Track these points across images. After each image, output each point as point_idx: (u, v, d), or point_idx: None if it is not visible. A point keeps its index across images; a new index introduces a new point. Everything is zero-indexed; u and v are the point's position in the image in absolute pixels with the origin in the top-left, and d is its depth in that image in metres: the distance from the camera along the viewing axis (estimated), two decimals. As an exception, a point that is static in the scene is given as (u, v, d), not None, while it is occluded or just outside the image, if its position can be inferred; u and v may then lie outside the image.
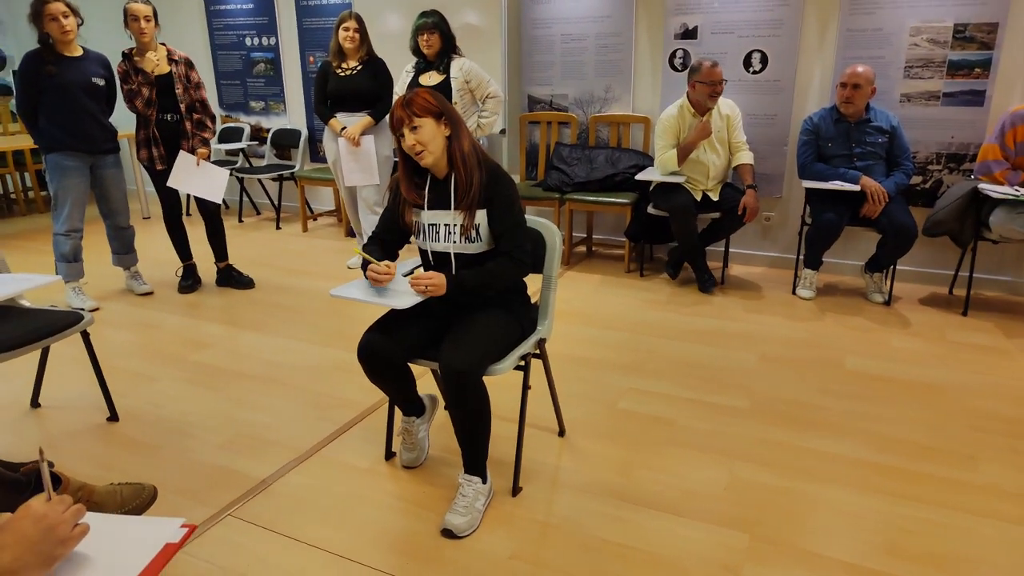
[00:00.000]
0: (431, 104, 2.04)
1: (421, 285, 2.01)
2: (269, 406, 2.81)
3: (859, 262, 4.26)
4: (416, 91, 2.07)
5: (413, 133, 2.03)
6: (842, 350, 3.27)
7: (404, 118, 2.03)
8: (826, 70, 4.19)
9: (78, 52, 3.77)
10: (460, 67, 4.18)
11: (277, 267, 4.72)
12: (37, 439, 2.61)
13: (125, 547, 1.06)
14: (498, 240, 2.12)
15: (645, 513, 2.11)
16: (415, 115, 2.02)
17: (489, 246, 2.14)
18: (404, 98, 2.05)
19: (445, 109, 2.06)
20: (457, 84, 4.15)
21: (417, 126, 2.02)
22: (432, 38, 4.14)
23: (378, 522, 2.09)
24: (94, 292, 4.18)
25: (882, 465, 2.35)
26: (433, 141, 2.04)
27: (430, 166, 2.10)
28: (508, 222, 2.10)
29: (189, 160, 3.95)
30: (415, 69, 4.30)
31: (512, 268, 2.10)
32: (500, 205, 2.09)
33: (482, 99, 4.27)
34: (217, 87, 6.43)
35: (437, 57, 4.20)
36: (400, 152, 2.13)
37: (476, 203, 2.08)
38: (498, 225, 2.10)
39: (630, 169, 4.50)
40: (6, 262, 2.69)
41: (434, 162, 2.08)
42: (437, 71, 4.21)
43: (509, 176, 2.15)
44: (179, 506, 2.17)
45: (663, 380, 2.98)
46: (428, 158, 2.06)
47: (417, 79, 4.25)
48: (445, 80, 4.18)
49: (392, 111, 2.07)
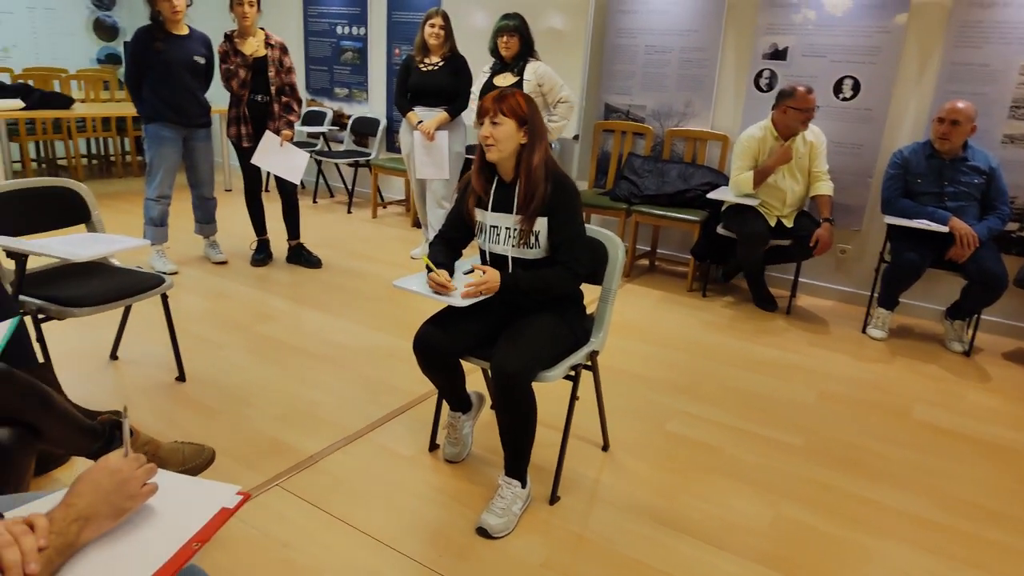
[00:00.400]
0: (521, 109, 2.07)
1: (475, 290, 2.05)
2: (324, 384, 2.90)
3: (939, 307, 4.08)
4: (514, 92, 2.10)
5: (492, 126, 2.06)
6: (911, 398, 3.15)
7: (490, 110, 2.07)
8: (923, 103, 4.03)
9: (184, 31, 3.97)
10: (534, 70, 4.20)
11: (344, 250, 4.85)
12: (112, 389, 2.77)
13: (184, 506, 1.12)
14: (556, 249, 2.13)
15: (683, 540, 2.08)
16: (501, 112, 2.05)
17: (546, 253, 2.15)
18: (500, 92, 2.09)
19: (532, 120, 2.08)
20: (529, 87, 4.18)
21: (498, 123, 2.05)
22: (511, 40, 4.17)
23: (415, 511, 2.13)
24: (174, 256, 4.38)
25: (942, 525, 2.25)
26: (506, 141, 2.07)
27: (495, 162, 2.13)
28: (568, 232, 2.11)
29: (274, 140, 4.11)
30: (491, 70, 4.35)
31: (567, 278, 2.12)
32: (562, 215, 2.10)
33: (553, 103, 4.28)
34: (305, 71, 6.65)
35: (514, 60, 4.23)
36: (479, 148, 2.16)
37: (537, 211, 2.10)
38: (558, 235, 2.11)
39: (703, 186, 4.43)
40: (102, 222, 2.85)
41: (499, 160, 2.10)
42: (512, 73, 4.24)
43: (575, 187, 2.15)
44: (232, 470, 2.26)
45: (715, 406, 2.93)
46: (494, 154, 2.09)
47: (492, 80, 4.29)
48: (518, 83, 4.20)
49: (486, 99, 2.10)
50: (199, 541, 1.06)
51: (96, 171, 7.20)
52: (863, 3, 4.03)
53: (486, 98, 2.10)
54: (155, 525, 1.08)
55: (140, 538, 1.05)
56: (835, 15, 4.11)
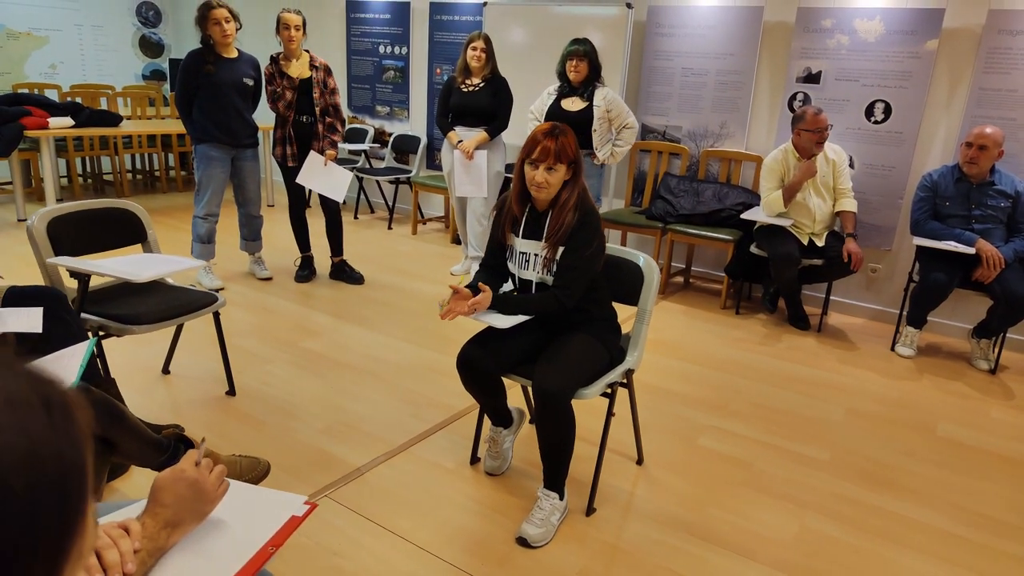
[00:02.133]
0: (572, 153, 2.16)
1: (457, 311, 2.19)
2: (367, 398, 3.03)
3: (966, 325, 4.12)
4: (569, 135, 2.17)
5: (547, 173, 2.15)
6: (936, 415, 3.20)
7: (550, 154, 2.13)
8: (952, 127, 4.07)
9: (234, 54, 4.16)
10: (603, 96, 4.27)
11: (385, 266, 5.00)
12: (166, 403, 2.93)
13: (256, 515, 1.23)
14: (556, 271, 2.23)
15: (713, 550, 2.17)
16: (559, 159, 2.13)
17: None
18: (557, 134, 2.14)
19: (578, 158, 2.20)
20: (599, 113, 4.25)
21: (554, 170, 2.15)
22: (581, 65, 4.23)
23: (457, 521, 2.24)
24: (220, 272, 4.57)
25: (965, 539, 2.31)
26: (556, 185, 2.19)
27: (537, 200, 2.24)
28: (571, 261, 2.20)
29: (318, 160, 4.27)
30: (557, 92, 4.40)
31: (551, 303, 2.22)
32: (573, 245, 2.20)
33: (618, 129, 4.34)
34: (348, 89, 6.84)
35: (582, 84, 4.30)
36: (518, 170, 2.25)
37: (560, 240, 2.21)
38: (564, 259, 2.22)
39: (737, 206, 4.51)
40: (157, 241, 3.02)
41: (546, 197, 2.22)
42: (580, 97, 4.30)
43: (598, 222, 2.24)
44: (282, 481, 2.40)
45: (745, 422, 3.01)
46: (543, 194, 2.19)
47: (559, 102, 4.36)
48: (588, 107, 4.27)
49: (539, 135, 2.15)
50: (274, 545, 1.18)
51: (141, 186, 7.44)
52: (895, 29, 4.09)
53: (542, 143, 2.13)
54: (232, 532, 1.19)
55: (219, 543, 1.17)
56: (868, 40, 4.18)
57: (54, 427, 0.41)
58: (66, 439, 0.42)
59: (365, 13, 6.54)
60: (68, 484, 0.41)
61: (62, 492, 0.40)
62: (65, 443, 0.41)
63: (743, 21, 4.58)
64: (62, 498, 0.41)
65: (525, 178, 2.22)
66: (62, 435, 0.42)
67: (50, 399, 0.42)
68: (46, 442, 0.40)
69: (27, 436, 0.39)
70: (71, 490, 0.41)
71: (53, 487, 0.40)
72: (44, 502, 0.39)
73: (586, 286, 2.25)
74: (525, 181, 2.22)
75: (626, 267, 2.45)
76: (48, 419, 0.41)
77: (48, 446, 0.40)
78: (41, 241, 2.61)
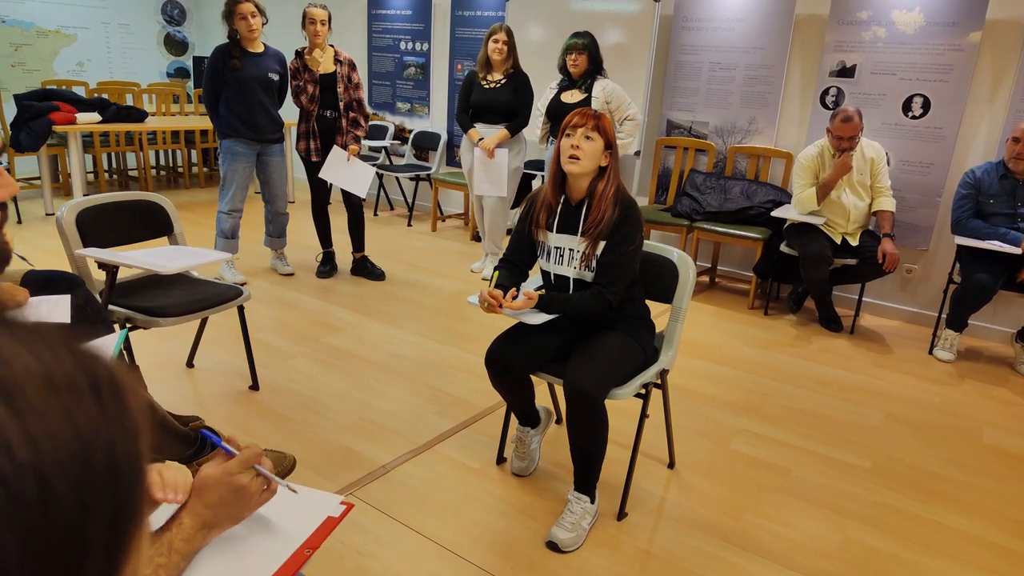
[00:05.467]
0: (610, 134, 2.11)
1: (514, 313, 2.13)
2: (391, 395, 2.98)
3: (1010, 329, 3.97)
4: (604, 118, 2.13)
5: (584, 140, 2.08)
6: (980, 421, 3.07)
7: (587, 122, 2.09)
8: (995, 122, 3.94)
9: (260, 48, 4.13)
10: (602, 88, 4.23)
11: (406, 262, 4.95)
12: (190, 397, 2.89)
13: (291, 515, 1.17)
14: (598, 269, 2.15)
15: (749, 558, 2.08)
16: (596, 129, 2.08)
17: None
18: (593, 113, 2.12)
19: (615, 145, 2.13)
20: (597, 104, 4.20)
21: (592, 138, 2.09)
22: (580, 58, 4.21)
23: (484, 523, 2.18)
24: (242, 267, 4.54)
25: (1014, 551, 2.20)
26: (591, 159, 2.10)
27: (571, 175, 2.14)
28: (615, 257, 2.12)
29: (341, 155, 4.23)
30: (558, 86, 4.39)
31: (596, 303, 2.13)
32: (616, 240, 2.12)
33: (620, 121, 4.30)
34: (368, 85, 6.81)
35: (581, 77, 4.27)
36: (555, 159, 2.17)
37: (601, 235, 2.13)
38: (605, 256, 2.13)
39: (766, 204, 4.41)
40: (183, 234, 2.99)
41: (579, 172, 2.11)
42: (579, 90, 4.28)
43: (640, 217, 2.16)
44: (307, 478, 2.34)
45: (779, 426, 2.91)
46: (576, 167, 2.10)
47: (559, 96, 4.34)
48: (586, 99, 4.24)
49: (575, 114, 2.12)
50: (310, 548, 1.12)
51: (164, 182, 7.49)
52: (936, 21, 3.97)
53: (580, 111, 2.12)
54: (267, 532, 1.14)
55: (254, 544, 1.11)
56: (906, 33, 4.06)
57: (104, 413, 0.33)
58: (119, 428, 0.33)
59: (386, 9, 6.50)
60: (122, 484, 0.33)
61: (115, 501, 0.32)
62: (118, 433, 0.33)
63: (774, 14, 4.47)
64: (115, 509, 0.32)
65: (560, 156, 2.13)
66: (114, 423, 0.33)
67: (99, 380, 0.34)
68: (96, 432, 0.32)
69: (73, 424, 0.31)
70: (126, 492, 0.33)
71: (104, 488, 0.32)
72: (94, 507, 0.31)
73: (628, 284, 2.17)
74: (561, 163, 2.14)
75: (659, 263, 2.37)
76: (97, 404, 0.33)
77: (98, 436, 0.32)
78: (70, 232, 2.59)
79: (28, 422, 0.29)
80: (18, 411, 0.29)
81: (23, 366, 0.31)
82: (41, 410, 0.30)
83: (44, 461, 0.29)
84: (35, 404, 0.30)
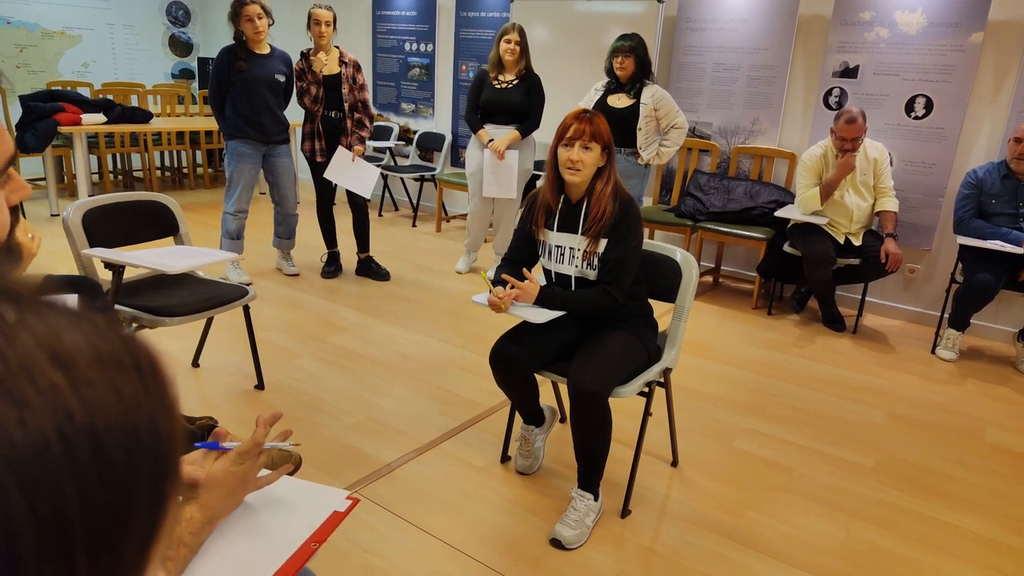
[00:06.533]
0: (606, 136, 2.12)
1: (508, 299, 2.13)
2: (396, 394, 2.99)
3: (1012, 328, 3.98)
4: (600, 119, 2.14)
5: (583, 151, 2.10)
6: (983, 420, 3.08)
7: (585, 133, 2.10)
8: (998, 122, 3.94)
9: (266, 50, 4.15)
10: (652, 94, 4.11)
11: (410, 263, 4.97)
12: (195, 396, 2.91)
13: (297, 509, 1.19)
14: (602, 267, 2.17)
15: (754, 556, 2.09)
16: (593, 138, 2.10)
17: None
18: (588, 116, 2.12)
19: (611, 145, 2.15)
20: (645, 111, 4.09)
21: (590, 148, 2.11)
22: (627, 61, 4.08)
23: (489, 521, 2.19)
24: (247, 268, 4.56)
25: (1016, 549, 2.21)
26: (591, 168, 2.13)
27: (571, 184, 2.17)
28: (618, 254, 2.14)
29: (346, 156, 4.25)
30: (604, 88, 4.26)
31: (602, 299, 2.15)
32: (618, 238, 2.14)
33: (666, 128, 4.18)
34: (373, 86, 6.83)
35: (629, 81, 4.14)
36: (551, 163, 2.20)
37: (602, 232, 2.15)
38: (608, 253, 2.15)
39: (769, 204, 4.42)
40: (189, 235, 3.00)
41: (580, 181, 2.15)
42: (627, 94, 4.15)
43: (639, 212, 2.18)
44: (312, 476, 2.36)
45: (782, 425, 2.92)
46: (577, 178, 2.13)
47: (605, 98, 4.21)
48: (634, 104, 4.11)
49: (570, 119, 2.13)
50: (317, 542, 1.13)
51: (169, 183, 7.52)
52: (938, 21, 3.98)
53: (575, 120, 2.12)
54: (272, 526, 1.15)
55: (259, 538, 1.12)
56: (908, 33, 4.07)
57: (146, 389, 0.35)
58: (159, 402, 0.36)
59: (391, 10, 6.53)
60: (161, 450, 0.35)
61: (156, 465, 0.35)
62: (158, 406, 0.36)
63: (777, 15, 4.48)
64: (156, 472, 0.35)
65: (559, 164, 2.16)
66: (155, 398, 0.35)
67: (139, 359, 0.36)
68: (139, 404, 0.34)
69: (120, 396, 0.33)
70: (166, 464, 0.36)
71: (148, 452, 0.34)
72: (139, 467, 0.34)
73: (632, 280, 2.19)
74: (559, 168, 2.17)
75: (662, 263, 2.39)
76: (140, 380, 0.35)
77: (141, 408, 0.34)
78: (76, 232, 2.61)
79: (83, 391, 0.32)
80: (74, 381, 0.32)
81: (73, 341, 0.33)
82: (93, 381, 0.32)
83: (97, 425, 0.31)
84: (87, 376, 0.32)
